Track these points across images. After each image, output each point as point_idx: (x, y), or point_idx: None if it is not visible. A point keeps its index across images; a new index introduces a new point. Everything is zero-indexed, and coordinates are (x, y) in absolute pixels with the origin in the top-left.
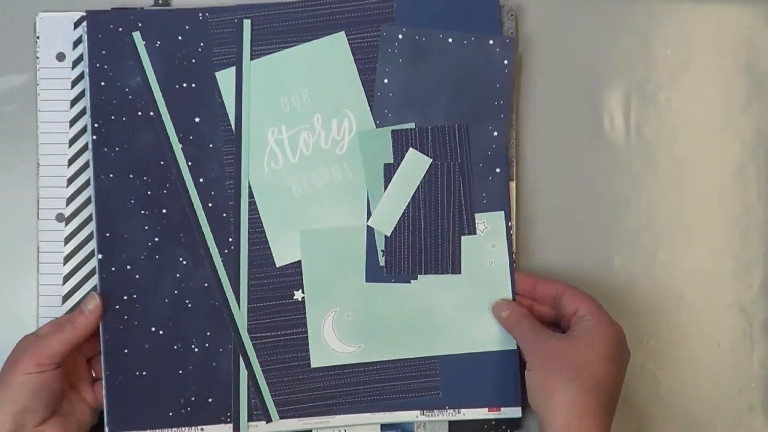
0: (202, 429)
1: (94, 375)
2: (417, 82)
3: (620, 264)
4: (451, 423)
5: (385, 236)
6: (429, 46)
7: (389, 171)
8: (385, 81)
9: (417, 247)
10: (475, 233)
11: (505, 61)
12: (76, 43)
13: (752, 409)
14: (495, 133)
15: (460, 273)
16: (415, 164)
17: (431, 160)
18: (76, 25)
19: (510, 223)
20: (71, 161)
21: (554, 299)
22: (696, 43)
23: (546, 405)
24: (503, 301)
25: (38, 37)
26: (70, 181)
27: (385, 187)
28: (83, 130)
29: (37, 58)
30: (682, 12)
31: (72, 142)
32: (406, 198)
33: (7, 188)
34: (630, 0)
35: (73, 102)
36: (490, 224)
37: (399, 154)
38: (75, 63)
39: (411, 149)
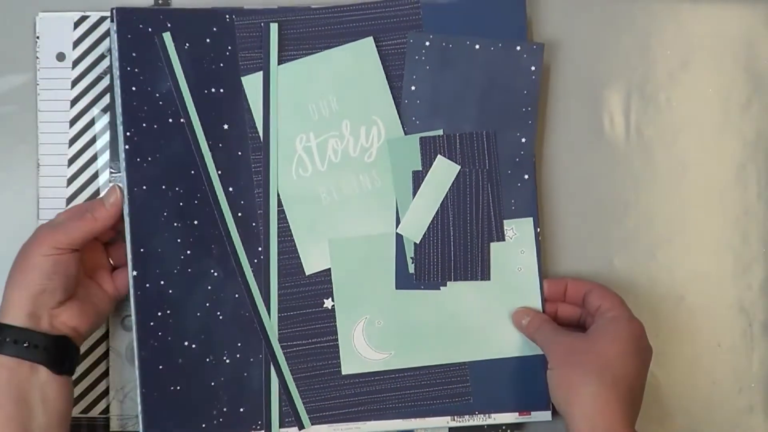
0: None
1: (112, 263)
2: (444, 89)
3: (620, 264)
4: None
5: (415, 243)
6: (456, 53)
7: (418, 178)
8: (413, 88)
9: (446, 254)
10: (504, 240)
11: (533, 68)
12: (76, 43)
13: (752, 409)
14: (523, 140)
15: (489, 279)
16: (444, 171)
17: (459, 167)
18: (76, 25)
19: (539, 229)
20: (71, 161)
21: (583, 298)
22: (696, 43)
23: (567, 400)
24: (522, 309)
25: (38, 37)
26: (70, 181)
27: (414, 195)
28: (83, 130)
29: (37, 58)
30: (682, 12)
31: (72, 142)
32: (435, 205)
33: (7, 188)
34: (630, 0)
35: (73, 102)
36: (518, 230)
37: (427, 162)
38: (75, 63)
39: (439, 156)
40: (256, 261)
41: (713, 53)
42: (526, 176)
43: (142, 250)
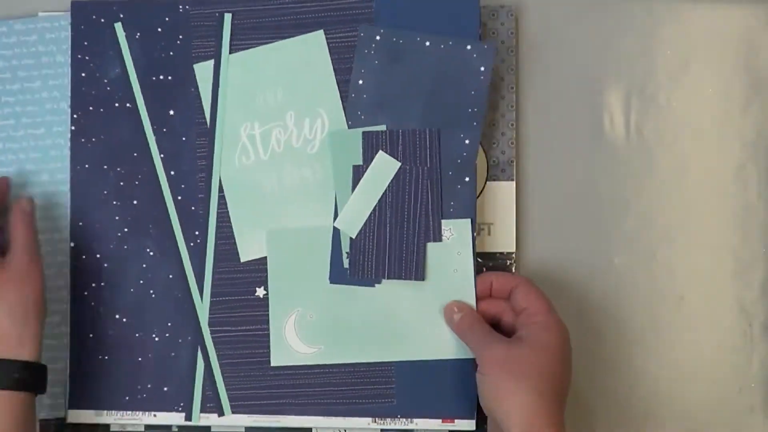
0: (155, 415)
1: None
2: (392, 84)
3: (620, 264)
4: None
5: (351, 238)
6: (406, 49)
7: (358, 172)
8: (360, 82)
9: (382, 251)
10: (441, 240)
11: (482, 68)
12: None
13: (752, 409)
14: (466, 141)
15: (423, 279)
16: (384, 167)
17: (400, 163)
18: None
19: (475, 234)
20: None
21: (508, 293)
22: (696, 43)
23: (501, 409)
24: (455, 303)
25: None
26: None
27: (353, 189)
28: None
29: None
30: (682, 12)
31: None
32: (374, 201)
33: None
34: (630, 0)
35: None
36: (456, 231)
37: (369, 156)
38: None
39: (380, 152)
40: (192, 244)
41: (713, 53)
42: (467, 178)
43: (80, 223)
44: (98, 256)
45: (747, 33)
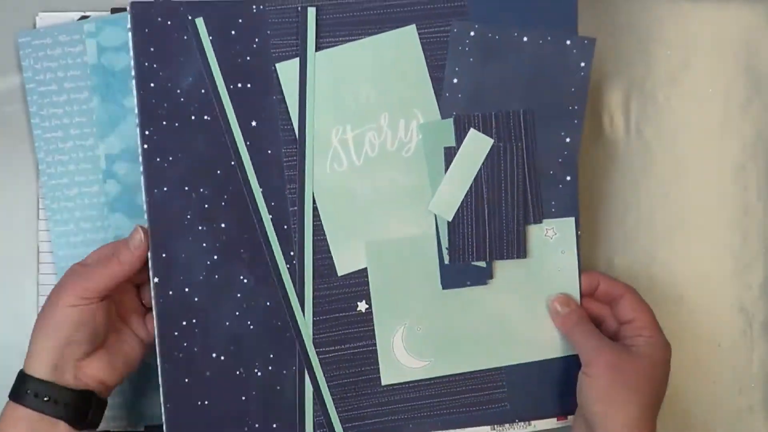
0: None
1: (144, 304)
2: (488, 82)
3: (620, 264)
4: None
5: (448, 230)
6: (502, 45)
7: (450, 154)
8: (455, 80)
9: (481, 232)
10: (540, 222)
11: (582, 64)
12: None
13: (752, 409)
14: (567, 140)
15: (525, 257)
16: (477, 145)
17: (492, 141)
18: None
19: (579, 232)
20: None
21: (613, 300)
22: (696, 43)
23: (606, 414)
24: (563, 296)
25: None
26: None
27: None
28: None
29: None
30: (682, 12)
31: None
32: (468, 181)
33: (7, 188)
34: (630, 0)
35: None
36: (559, 231)
37: (460, 138)
38: None
39: (472, 129)
40: (288, 265)
41: (713, 53)
42: (569, 177)
43: (164, 255)
44: (186, 290)
45: (747, 33)
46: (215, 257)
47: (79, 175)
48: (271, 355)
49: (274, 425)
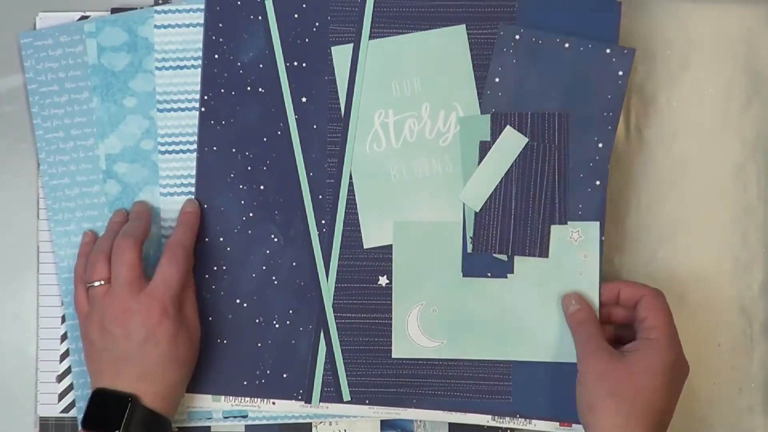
0: (273, 402)
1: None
2: (528, 84)
3: (620, 264)
4: (451, 422)
5: (474, 220)
6: (545, 50)
7: (485, 148)
8: (497, 80)
9: (507, 227)
10: (566, 223)
11: (620, 72)
12: None
13: (752, 409)
14: (600, 145)
15: (547, 257)
16: (511, 142)
17: (527, 139)
18: None
19: (603, 237)
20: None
21: (636, 302)
22: (696, 43)
23: (590, 422)
24: (575, 294)
25: None
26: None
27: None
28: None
29: None
30: (682, 12)
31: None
32: (499, 175)
33: (7, 188)
34: (630, 0)
35: None
36: (584, 234)
37: (496, 133)
38: None
39: (508, 126)
40: (320, 231)
41: (713, 53)
42: (598, 182)
43: (205, 206)
44: (221, 239)
45: (747, 33)
46: (251, 214)
47: (80, 175)
48: (290, 311)
49: (284, 375)
